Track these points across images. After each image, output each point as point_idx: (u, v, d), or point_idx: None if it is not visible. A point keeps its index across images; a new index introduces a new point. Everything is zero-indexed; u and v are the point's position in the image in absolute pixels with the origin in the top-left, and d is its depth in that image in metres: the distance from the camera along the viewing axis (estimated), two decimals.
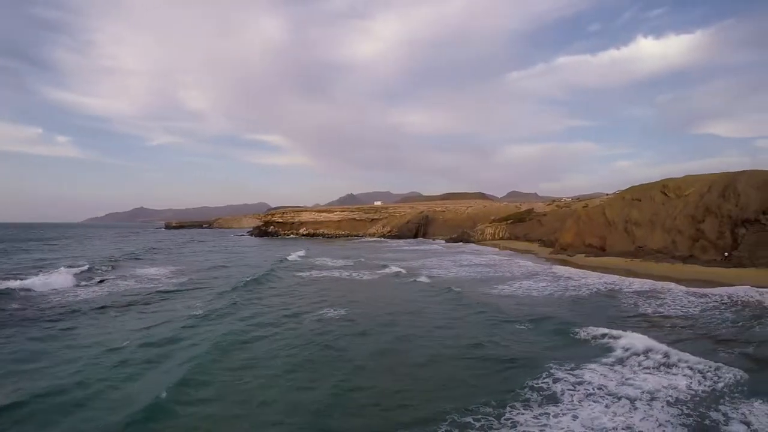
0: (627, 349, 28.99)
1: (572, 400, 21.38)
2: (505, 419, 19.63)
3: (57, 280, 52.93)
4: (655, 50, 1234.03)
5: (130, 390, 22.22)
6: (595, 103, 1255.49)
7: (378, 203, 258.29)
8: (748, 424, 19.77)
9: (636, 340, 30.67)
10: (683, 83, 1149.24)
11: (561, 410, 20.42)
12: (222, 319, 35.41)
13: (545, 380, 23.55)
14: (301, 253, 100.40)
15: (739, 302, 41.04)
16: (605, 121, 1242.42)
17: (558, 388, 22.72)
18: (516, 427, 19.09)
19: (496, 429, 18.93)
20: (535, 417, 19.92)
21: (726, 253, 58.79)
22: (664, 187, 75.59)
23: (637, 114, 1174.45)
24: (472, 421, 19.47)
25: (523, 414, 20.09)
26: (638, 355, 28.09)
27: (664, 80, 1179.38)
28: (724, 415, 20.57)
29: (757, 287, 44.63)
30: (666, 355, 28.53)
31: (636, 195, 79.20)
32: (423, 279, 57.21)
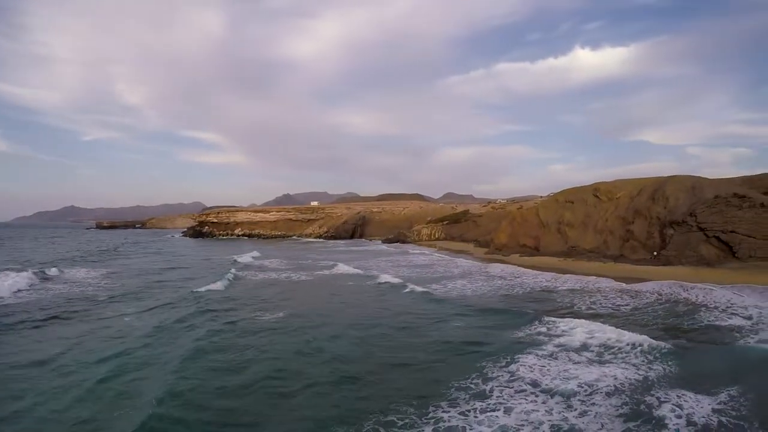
0: (561, 345, 29.21)
1: (501, 395, 21.28)
2: (428, 418, 19.34)
3: None
4: (591, 61, 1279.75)
5: None
6: (531, 109, 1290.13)
7: (315, 204, 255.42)
8: (680, 406, 20.06)
9: (576, 330, 31.62)
10: (617, 92, 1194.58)
11: (488, 405, 20.25)
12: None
13: (475, 381, 23.08)
14: (250, 256, 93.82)
15: (667, 298, 42.14)
16: (540, 126, 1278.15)
17: (489, 386, 22.38)
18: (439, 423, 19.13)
19: (423, 425, 18.83)
20: (462, 413, 19.79)
21: (655, 253, 60.63)
22: (596, 190, 77.58)
23: (571, 120, 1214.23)
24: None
25: (448, 411, 19.78)
26: (573, 349, 28.50)
27: (599, 89, 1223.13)
28: (657, 399, 20.72)
29: (683, 282, 46.26)
30: (602, 346, 29.34)
31: (569, 197, 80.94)
32: (379, 280, 56.02)
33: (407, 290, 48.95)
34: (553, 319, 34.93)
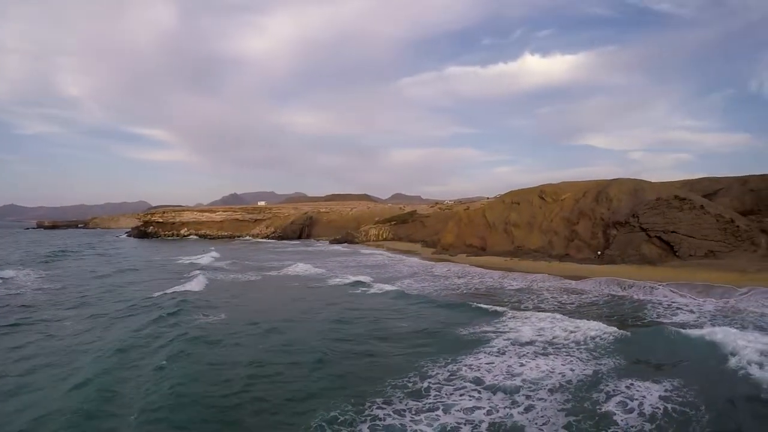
0: (507, 339, 29.31)
1: (439, 393, 21.18)
2: (365, 415, 19.24)
3: None
4: (541, 67, 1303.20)
5: None
6: (480, 112, 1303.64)
7: (262, 203, 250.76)
8: (629, 397, 20.21)
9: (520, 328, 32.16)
10: (564, 98, 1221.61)
11: (424, 404, 20.16)
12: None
13: (413, 379, 22.92)
14: (210, 257, 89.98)
15: (612, 296, 42.78)
16: (489, 129, 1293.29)
17: (425, 384, 22.26)
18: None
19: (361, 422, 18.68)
20: (396, 411, 19.79)
21: (599, 252, 61.71)
22: (542, 192, 78.53)
23: (519, 124, 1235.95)
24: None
25: (383, 408, 19.68)
26: (521, 344, 28.57)
27: (547, 94, 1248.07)
28: (606, 394, 20.73)
29: (627, 280, 47.15)
30: (548, 343, 29.63)
31: (515, 199, 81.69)
32: (345, 281, 54.97)
33: (357, 292, 49.01)
34: (501, 316, 35.20)
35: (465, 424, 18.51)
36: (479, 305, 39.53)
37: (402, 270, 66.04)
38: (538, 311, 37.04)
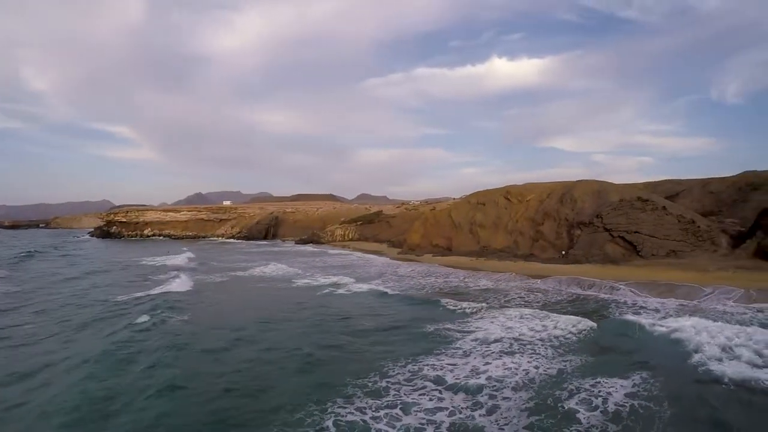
0: (474, 339, 29.20)
1: (399, 393, 21.00)
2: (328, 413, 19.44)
3: None
4: (508, 70, 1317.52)
5: None
6: (448, 113, 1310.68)
7: (227, 203, 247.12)
8: (595, 396, 20.26)
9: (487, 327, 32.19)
10: (531, 101, 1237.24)
11: (387, 402, 20.10)
12: None
13: (373, 378, 22.81)
14: (185, 257, 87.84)
15: (577, 294, 43.00)
16: (457, 131, 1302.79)
17: (383, 383, 22.15)
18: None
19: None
20: (357, 409, 19.71)
21: (563, 252, 62.13)
22: (507, 192, 78.99)
23: (486, 126, 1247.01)
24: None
25: (344, 408, 19.60)
26: (486, 343, 28.53)
27: (514, 97, 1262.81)
28: (569, 392, 20.71)
29: (592, 279, 47.28)
30: (514, 340, 29.41)
31: (481, 199, 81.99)
32: (298, 283, 54.39)
33: (328, 292, 48.68)
34: (467, 316, 35.33)
35: (427, 424, 18.27)
36: (445, 305, 39.52)
37: (369, 270, 65.51)
38: (504, 310, 36.97)
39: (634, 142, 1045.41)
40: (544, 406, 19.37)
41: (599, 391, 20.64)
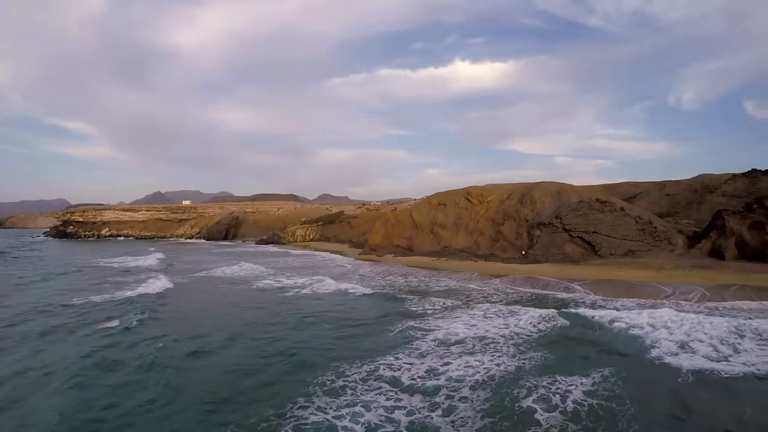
0: (434, 338, 28.83)
1: (355, 393, 20.62)
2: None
3: None
4: (471, 73, 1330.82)
5: None
6: (410, 115, 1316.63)
7: (187, 203, 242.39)
8: (554, 393, 20.14)
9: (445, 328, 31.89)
10: (493, 104, 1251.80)
11: (344, 401, 19.84)
12: None
13: (329, 377, 22.36)
14: (155, 258, 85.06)
15: (536, 294, 43.19)
16: (418, 132, 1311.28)
17: (340, 383, 21.70)
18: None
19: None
20: (318, 409, 19.70)
21: (523, 252, 62.43)
22: (468, 193, 79.25)
23: (448, 127, 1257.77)
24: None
25: (304, 409, 19.52)
26: (446, 343, 28.17)
27: (476, 100, 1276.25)
28: (527, 389, 20.51)
29: (548, 278, 47.96)
30: (475, 339, 29.17)
31: (442, 200, 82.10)
32: (260, 284, 52.88)
33: (297, 291, 48.20)
34: (428, 315, 34.99)
35: (386, 422, 17.94)
36: (407, 305, 39.24)
37: (331, 271, 64.58)
38: (465, 309, 36.83)
39: (592, 146, 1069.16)
40: (501, 407, 19.09)
41: (558, 389, 20.45)
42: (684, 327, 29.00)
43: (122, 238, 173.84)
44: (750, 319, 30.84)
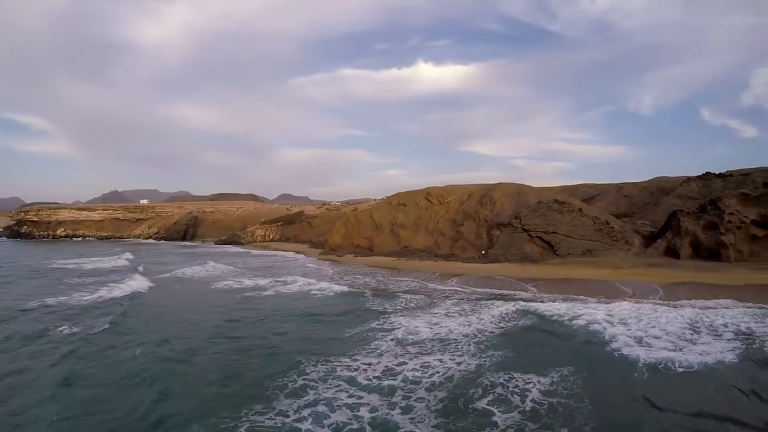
0: (392, 338, 28.53)
1: (317, 391, 20.37)
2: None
3: None
4: (433, 75, 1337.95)
5: None
6: (372, 115, 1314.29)
7: (144, 202, 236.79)
8: (512, 393, 19.97)
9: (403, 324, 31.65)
10: (454, 106, 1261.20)
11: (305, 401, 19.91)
12: None
13: (293, 377, 22.01)
14: (124, 259, 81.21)
15: (495, 294, 42.71)
16: (379, 133, 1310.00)
17: (301, 382, 21.40)
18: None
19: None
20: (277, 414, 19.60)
21: (483, 252, 62.63)
22: (428, 194, 79.29)
23: (409, 128, 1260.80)
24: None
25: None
26: (404, 342, 27.94)
27: (437, 102, 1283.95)
28: (483, 388, 20.38)
29: (506, 278, 48.33)
30: (433, 339, 28.91)
31: (402, 200, 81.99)
32: (219, 285, 51.52)
33: (258, 292, 47.62)
34: (388, 315, 34.72)
35: (350, 421, 17.71)
36: (368, 305, 38.88)
37: (292, 271, 63.36)
38: (424, 309, 36.66)
39: (552, 148, 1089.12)
40: (455, 407, 18.88)
41: (515, 387, 20.44)
42: (641, 323, 29.68)
43: (79, 238, 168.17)
44: (704, 314, 31.59)
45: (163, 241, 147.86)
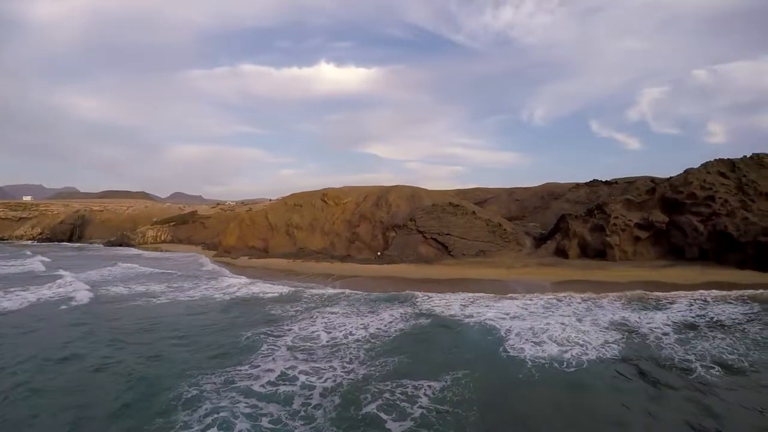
0: (283, 343, 27.88)
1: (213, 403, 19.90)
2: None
3: None
4: (334, 76, 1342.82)
5: None
6: (269, 113, 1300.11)
7: (28, 199, 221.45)
8: (402, 399, 19.61)
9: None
10: (353, 108, 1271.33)
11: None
12: None
13: (187, 388, 20.73)
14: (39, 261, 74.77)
15: (389, 295, 42.56)
16: (277, 131, 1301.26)
17: (194, 392, 21.24)
18: None
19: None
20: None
21: (379, 253, 62.73)
22: (324, 195, 78.79)
23: (308, 128, 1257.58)
24: None
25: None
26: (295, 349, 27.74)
27: (337, 103, 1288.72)
28: (373, 395, 19.92)
29: (402, 278, 48.97)
30: (328, 345, 28.62)
31: (298, 201, 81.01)
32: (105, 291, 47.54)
33: (149, 299, 44.56)
34: (283, 320, 33.56)
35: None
36: (263, 308, 37.79)
37: (186, 275, 59.87)
38: (319, 310, 36.13)
39: (447, 153, 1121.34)
40: (347, 414, 18.49)
41: (409, 392, 20.23)
42: (531, 320, 30.71)
43: None
44: (590, 309, 33.79)
45: (47, 243, 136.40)
